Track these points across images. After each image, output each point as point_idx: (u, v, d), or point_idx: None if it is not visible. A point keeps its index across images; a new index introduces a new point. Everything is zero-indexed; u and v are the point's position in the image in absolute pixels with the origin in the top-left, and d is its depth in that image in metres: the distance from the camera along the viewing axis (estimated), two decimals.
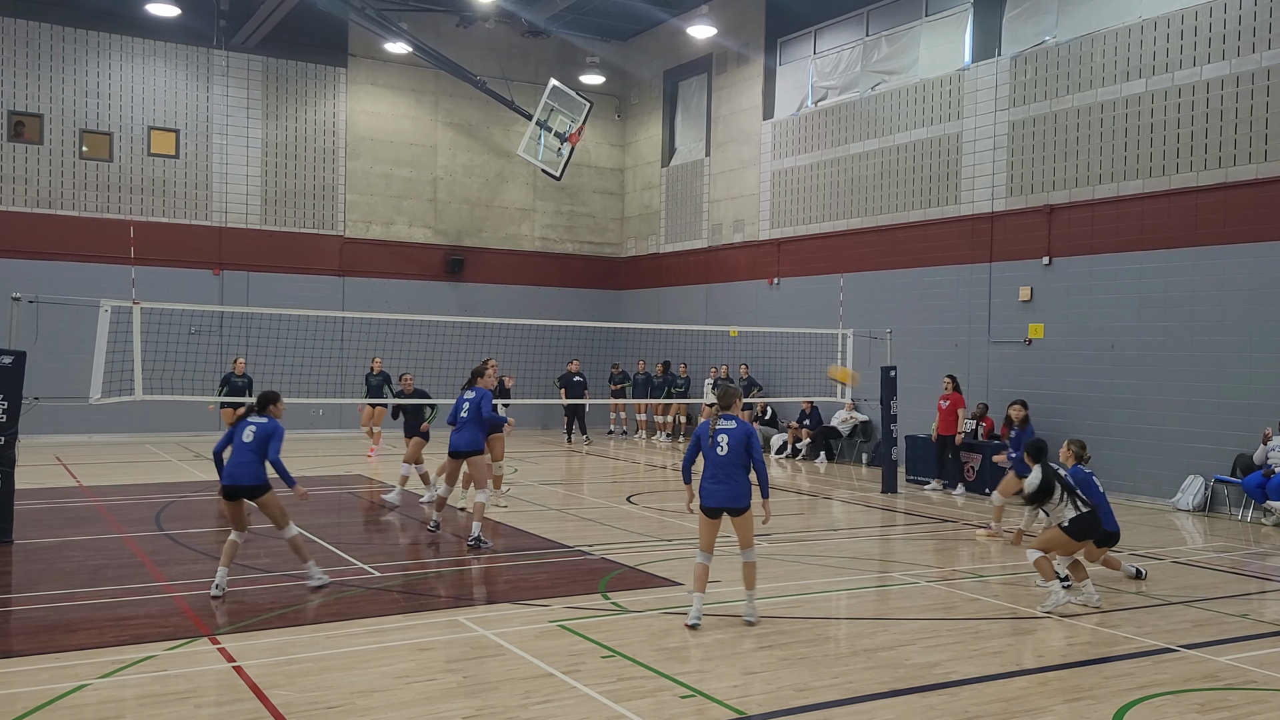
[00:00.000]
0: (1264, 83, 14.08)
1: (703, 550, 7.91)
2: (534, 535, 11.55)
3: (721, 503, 7.79)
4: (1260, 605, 9.14)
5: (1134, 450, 15.40)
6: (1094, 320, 16.04)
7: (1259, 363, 14.02)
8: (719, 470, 7.81)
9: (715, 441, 7.86)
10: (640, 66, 27.18)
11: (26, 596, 8.48)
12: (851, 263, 20.35)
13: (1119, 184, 15.82)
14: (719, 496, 7.79)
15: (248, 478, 8.63)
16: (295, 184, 24.18)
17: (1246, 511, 13.77)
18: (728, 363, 22.74)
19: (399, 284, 25.01)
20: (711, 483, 7.83)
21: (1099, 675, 6.88)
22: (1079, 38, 16.44)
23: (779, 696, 6.32)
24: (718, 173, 24.49)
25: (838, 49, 21.27)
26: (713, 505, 7.82)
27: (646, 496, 14.92)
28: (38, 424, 13.85)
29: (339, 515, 13.31)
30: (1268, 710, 6.24)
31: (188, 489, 14.89)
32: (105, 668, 6.62)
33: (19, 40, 21.59)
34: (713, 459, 7.86)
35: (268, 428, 8.77)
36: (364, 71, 24.94)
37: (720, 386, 8.25)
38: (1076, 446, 9.59)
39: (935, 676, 6.74)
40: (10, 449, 10.79)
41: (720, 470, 7.80)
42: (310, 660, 6.85)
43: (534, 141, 22.93)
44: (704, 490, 7.88)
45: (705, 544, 7.90)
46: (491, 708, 6.00)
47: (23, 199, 21.61)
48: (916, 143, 19.19)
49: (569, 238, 27.65)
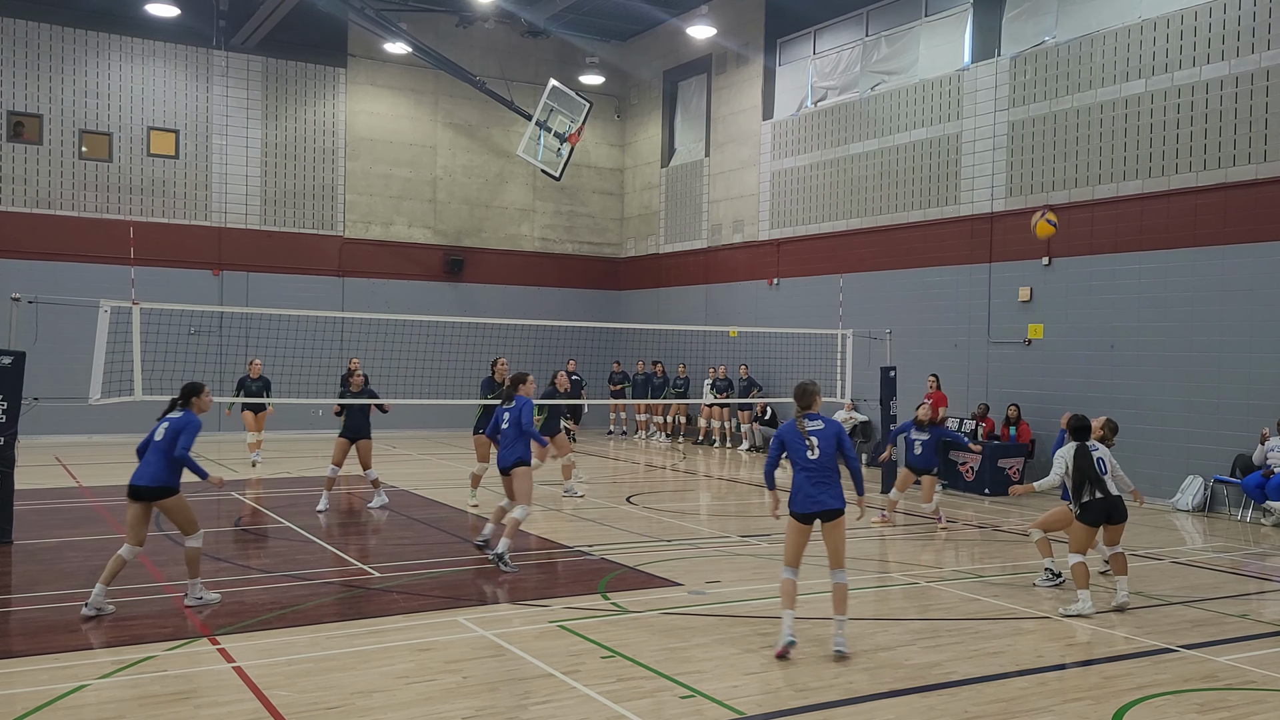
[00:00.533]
0: (1264, 83, 14.08)
1: (790, 564, 7.35)
2: (534, 535, 11.55)
3: (820, 507, 7.23)
4: (1260, 605, 9.14)
5: (1134, 450, 15.35)
6: (1094, 320, 16.04)
7: (1259, 363, 14.02)
8: (813, 473, 7.29)
9: (806, 443, 7.34)
10: (640, 67, 27.19)
11: (26, 597, 8.48)
12: (851, 263, 20.35)
13: (1118, 184, 15.82)
14: (816, 501, 7.23)
15: (149, 478, 8.05)
16: (295, 184, 24.18)
17: (1246, 512, 13.78)
18: (726, 363, 22.73)
19: (399, 284, 25.01)
20: (809, 486, 7.27)
21: (1099, 675, 6.88)
22: (1079, 38, 16.44)
23: (779, 697, 6.32)
24: (717, 173, 24.49)
25: (837, 49, 21.27)
26: (811, 511, 7.26)
27: (646, 497, 14.92)
28: (37, 424, 13.84)
29: (339, 515, 13.30)
30: (1267, 710, 6.24)
31: (187, 489, 14.84)
32: (105, 668, 6.63)
33: (18, 40, 21.59)
34: (804, 462, 7.32)
35: (179, 423, 8.18)
36: (364, 72, 24.94)
37: (799, 385, 7.70)
38: (1109, 429, 9.45)
39: (935, 677, 6.74)
40: (10, 449, 10.80)
41: (815, 473, 7.29)
42: (310, 660, 6.85)
43: (533, 142, 22.93)
44: (798, 495, 7.33)
45: (793, 557, 7.35)
46: (491, 708, 6.00)
47: (22, 199, 21.60)
48: (916, 143, 19.20)
49: (569, 238, 27.66)
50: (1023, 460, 16.00)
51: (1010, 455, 15.87)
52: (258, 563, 10.03)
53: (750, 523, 12.91)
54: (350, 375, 14.15)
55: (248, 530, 11.76)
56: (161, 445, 8.12)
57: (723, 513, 13.91)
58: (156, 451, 8.13)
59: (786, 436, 7.49)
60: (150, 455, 8.16)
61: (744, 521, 13.06)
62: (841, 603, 7.28)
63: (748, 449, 21.85)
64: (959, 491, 15.87)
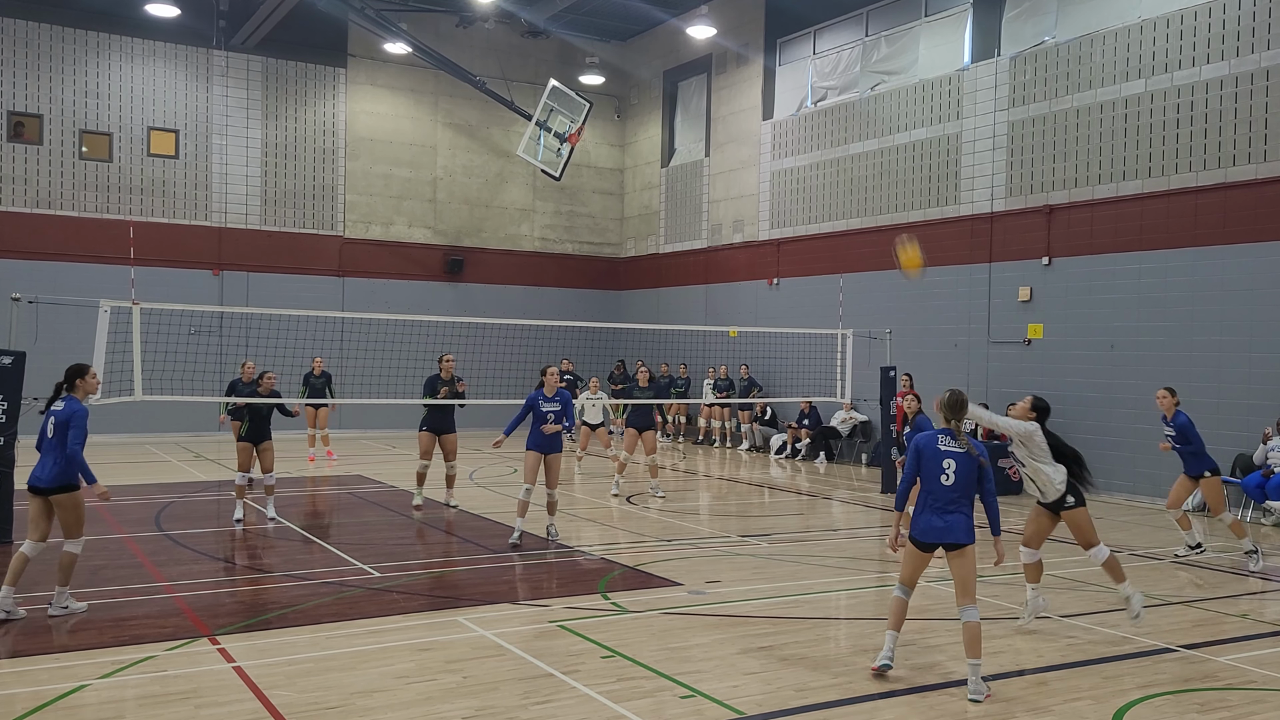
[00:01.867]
0: (1264, 83, 14.08)
1: (903, 583, 6.84)
2: (534, 535, 11.55)
3: (939, 538, 6.66)
4: (1260, 605, 9.14)
5: (1134, 450, 15.39)
6: (1093, 320, 16.04)
7: (1259, 363, 14.02)
8: (940, 500, 6.66)
9: (941, 467, 6.67)
10: (640, 67, 27.18)
11: (26, 597, 8.46)
12: (851, 263, 20.35)
13: (1118, 184, 15.82)
14: (936, 530, 6.64)
15: (48, 478, 7.82)
16: (295, 184, 24.18)
17: (1246, 512, 13.77)
18: (727, 363, 22.72)
19: (399, 284, 25.01)
20: (930, 514, 6.68)
21: (1099, 675, 6.88)
22: (1078, 38, 16.44)
23: (779, 696, 6.32)
24: (717, 173, 24.49)
25: (837, 49, 21.27)
26: (928, 541, 6.71)
27: (646, 497, 14.91)
28: (37, 424, 13.81)
29: (339, 515, 13.31)
30: (1268, 710, 6.24)
31: (187, 489, 14.89)
32: (105, 668, 6.62)
33: (19, 40, 21.59)
34: (934, 487, 6.68)
35: (64, 414, 7.87)
36: (364, 72, 24.94)
37: (950, 394, 6.90)
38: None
39: (935, 677, 6.74)
40: (10, 449, 10.81)
41: (942, 500, 6.65)
42: (310, 660, 6.85)
43: (534, 142, 22.92)
44: (919, 522, 6.73)
45: (907, 577, 6.82)
46: (491, 708, 6.00)
47: (22, 199, 21.60)
48: (916, 143, 19.20)
49: (569, 238, 27.65)
50: None
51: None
52: (258, 563, 10.03)
53: (750, 523, 12.91)
54: (263, 376, 12.65)
55: (248, 530, 11.75)
56: (53, 442, 7.90)
57: (723, 513, 13.91)
58: (50, 448, 7.92)
59: (924, 449, 6.78)
60: (45, 452, 7.96)
61: (744, 521, 13.05)
62: (975, 645, 6.49)
63: (748, 449, 21.84)
64: None
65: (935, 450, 6.72)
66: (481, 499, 14.26)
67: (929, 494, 6.70)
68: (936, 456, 6.70)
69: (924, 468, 6.74)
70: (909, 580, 6.85)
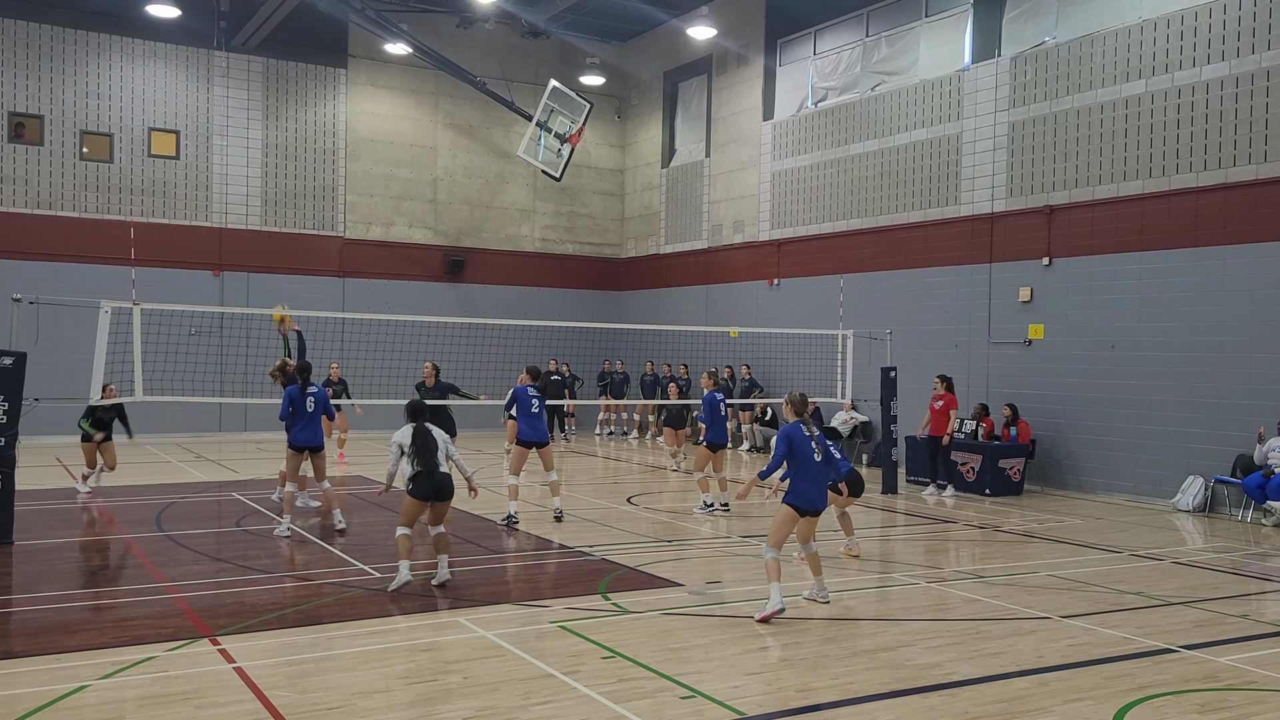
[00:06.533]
0: (1264, 83, 14.08)
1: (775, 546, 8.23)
2: (534, 536, 11.55)
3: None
4: (1260, 605, 9.14)
5: (1134, 450, 15.40)
6: (1094, 321, 16.04)
7: (1259, 363, 14.02)
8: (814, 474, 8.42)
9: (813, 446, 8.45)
10: (640, 67, 27.19)
11: (27, 597, 8.48)
12: (851, 263, 20.35)
13: (1119, 185, 15.82)
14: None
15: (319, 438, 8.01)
16: (295, 185, 24.19)
17: (1247, 512, 13.78)
18: (728, 364, 22.72)
19: (399, 285, 25.02)
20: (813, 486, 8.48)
21: (1099, 675, 6.88)
22: (1079, 38, 16.44)
23: (779, 697, 6.32)
24: (718, 173, 24.49)
25: (837, 50, 21.28)
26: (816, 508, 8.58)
27: (646, 498, 14.91)
28: (38, 425, 13.85)
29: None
30: (1268, 710, 6.24)
31: (188, 490, 14.89)
32: (106, 669, 6.63)
33: (19, 41, 21.60)
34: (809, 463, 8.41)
35: (320, 394, 8.08)
36: (364, 72, 24.95)
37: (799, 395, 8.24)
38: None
39: (936, 677, 6.75)
40: (10, 450, 10.80)
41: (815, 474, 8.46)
42: (311, 661, 6.86)
43: (534, 142, 22.93)
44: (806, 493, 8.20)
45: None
46: (492, 709, 6.00)
47: (23, 200, 21.61)
48: (916, 143, 19.20)
49: (569, 238, 27.66)
50: (1023, 460, 15.98)
51: (1011, 455, 15.86)
52: (258, 563, 10.03)
53: (750, 523, 12.90)
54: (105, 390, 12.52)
55: (248, 530, 11.75)
56: (316, 414, 8.20)
57: (723, 513, 13.90)
58: (313, 419, 8.20)
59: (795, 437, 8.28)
60: (311, 421, 8.26)
61: (744, 522, 13.05)
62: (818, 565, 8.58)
63: (748, 449, 21.84)
64: (960, 492, 15.87)
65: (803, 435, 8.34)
66: (481, 499, 14.24)
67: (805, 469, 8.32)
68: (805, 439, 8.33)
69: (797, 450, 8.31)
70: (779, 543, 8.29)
